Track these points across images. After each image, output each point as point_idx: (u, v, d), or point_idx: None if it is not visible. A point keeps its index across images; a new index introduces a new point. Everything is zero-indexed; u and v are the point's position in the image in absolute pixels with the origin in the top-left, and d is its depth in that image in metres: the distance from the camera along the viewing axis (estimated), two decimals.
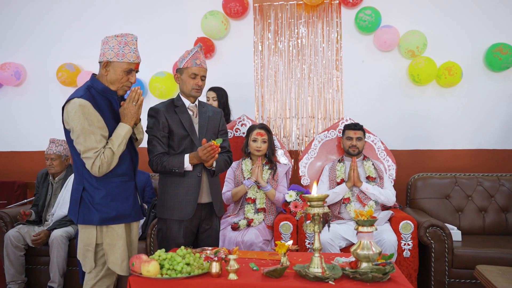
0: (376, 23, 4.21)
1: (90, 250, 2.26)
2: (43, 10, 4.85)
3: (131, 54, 2.26)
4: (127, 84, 2.31)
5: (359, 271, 1.93)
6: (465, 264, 3.21)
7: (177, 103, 2.70)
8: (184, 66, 2.65)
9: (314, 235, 2.03)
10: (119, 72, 2.26)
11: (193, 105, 2.71)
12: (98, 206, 2.23)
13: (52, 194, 3.91)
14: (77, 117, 2.17)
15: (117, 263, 2.27)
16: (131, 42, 2.27)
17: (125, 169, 2.33)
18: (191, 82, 2.63)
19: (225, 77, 4.44)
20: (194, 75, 2.63)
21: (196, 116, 2.71)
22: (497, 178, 3.82)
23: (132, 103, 2.29)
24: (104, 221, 2.24)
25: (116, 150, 2.22)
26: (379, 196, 3.41)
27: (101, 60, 2.28)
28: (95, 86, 2.28)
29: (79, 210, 2.25)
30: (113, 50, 2.24)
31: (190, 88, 2.64)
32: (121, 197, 2.29)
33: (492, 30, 4.18)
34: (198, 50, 2.66)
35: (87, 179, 2.25)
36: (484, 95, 4.21)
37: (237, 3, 4.33)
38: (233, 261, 2.02)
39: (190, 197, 2.60)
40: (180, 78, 2.68)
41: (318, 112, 4.42)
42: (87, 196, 2.24)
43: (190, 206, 2.59)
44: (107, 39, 2.27)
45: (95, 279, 2.28)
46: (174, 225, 2.62)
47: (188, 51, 2.68)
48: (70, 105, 2.22)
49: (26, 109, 4.88)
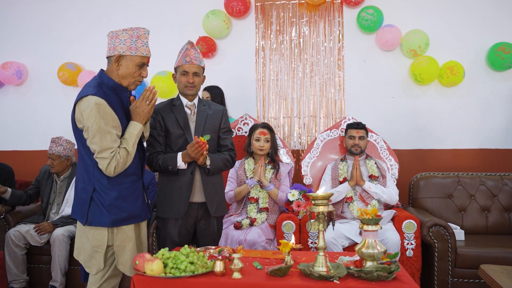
0: (378, 23, 4.20)
1: (99, 252, 2.19)
2: (44, 10, 4.84)
3: (144, 47, 2.22)
4: (139, 79, 2.25)
5: (364, 270, 1.93)
6: (468, 264, 3.20)
7: (175, 102, 2.72)
8: (176, 65, 2.69)
9: (319, 234, 2.02)
10: (132, 66, 2.20)
11: (191, 103, 2.71)
12: (110, 207, 2.16)
13: (56, 192, 3.89)
14: (93, 115, 2.07)
15: (127, 264, 2.22)
16: (144, 35, 2.23)
17: (134, 168, 2.27)
18: (183, 80, 2.66)
19: (227, 76, 4.43)
20: (185, 72, 2.65)
21: (194, 114, 2.71)
22: (500, 177, 3.81)
23: (145, 102, 2.23)
24: (116, 223, 2.18)
25: (131, 150, 2.17)
26: (381, 195, 3.40)
27: (112, 54, 2.20)
28: (106, 82, 2.20)
29: (88, 211, 2.17)
30: (125, 43, 2.18)
31: (183, 86, 2.67)
32: (132, 198, 2.24)
33: (494, 29, 4.18)
34: (188, 47, 2.66)
35: (99, 180, 2.17)
36: (486, 94, 4.20)
37: (239, 2, 4.32)
38: (237, 260, 2.01)
39: (182, 196, 2.60)
40: (176, 77, 2.71)
41: (320, 111, 4.41)
42: (98, 197, 2.17)
43: (182, 205, 2.59)
44: (116, 33, 2.20)
45: (102, 280, 2.23)
46: (169, 224, 2.62)
47: (180, 50, 2.69)
48: (85, 103, 2.10)
49: (27, 108, 4.87)
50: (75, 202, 2.26)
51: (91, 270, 2.23)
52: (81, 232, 2.25)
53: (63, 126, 4.53)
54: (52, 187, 3.91)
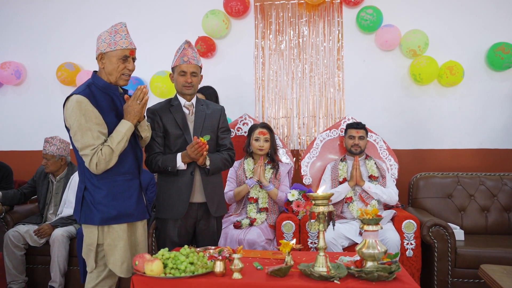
0: (377, 22, 4.20)
1: (91, 250, 2.23)
2: (43, 9, 4.82)
3: (123, 40, 2.24)
4: (126, 72, 2.27)
5: (364, 270, 1.92)
6: (468, 264, 3.19)
7: (173, 102, 2.71)
8: (174, 65, 2.67)
9: (319, 234, 2.01)
10: (115, 61, 2.23)
11: (189, 103, 2.70)
12: (99, 205, 2.20)
13: (52, 192, 3.88)
14: (74, 113, 2.15)
15: (117, 264, 2.23)
16: (121, 29, 2.25)
17: (128, 167, 2.29)
18: (180, 80, 2.64)
19: (226, 76, 4.43)
20: (183, 72, 2.63)
21: (192, 114, 2.70)
22: (500, 177, 3.81)
23: (136, 101, 2.26)
24: (105, 221, 2.20)
25: (115, 147, 2.18)
26: (381, 195, 3.40)
27: (96, 55, 2.28)
28: (96, 82, 2.26)
29: (81, 209, 2.23)
30: (105, 41, 2.24)
31: (181, 86, 2.65)
32: (123, 196, 2.25)
33: (493, 29, 4.17)
34: (185, 47, 2.64)
35: (89, 178, 2.23)
36: (485, 94, 4.20)
37: (238, 2, 4.31)
38: (237, 260, 2.01)
39: (182, 196, 2.59)
40: (174, 77, 2.69)
41: (319, 111, 4.40)
42: (88, 195, 2.22)
43: (182, 206, 2.59)
44: (100, 34, 2.28)
45: (97, 280, 2.25)
46: (169, 225, 2.62)
47: (177, 49, 2.68)
48: (69, 102, 2.20)
49: (26, 108, 4.86)
50: (75, 201, 2.32)
51: (88, 269, 2.28)
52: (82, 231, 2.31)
53: (61, 126, 4.48)
54: (48, 187, 3.90)
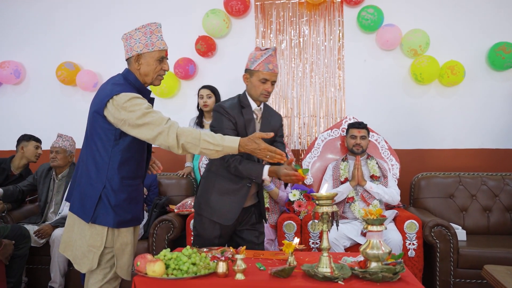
0: (378, 22, 4.19)
1: (93, 252, 2.14)
2: (43, 9, 4.81)
3: (160, 41, 2.20)
4: (161, 73, 2.24)
5: (369, 271, 1.90)
6: (471, 264, 3.18)
7: (243, 103, 2.54)
8: (255, 68, 2.47)
9: (323, 235, 2.00)
10: (152, 62, 2.19)
11: (258, 108, 2.57)
12: (116, 208, 2.14)
13: (54, 191, 3.86)
14: (134, 103, 2.05)
15: (124, 267, 2.22)
16: (157, 30, 2.20)
17: (142, 171, 2.30)
18: (260, 87, 2.48)
19: (227, 75, 4.41)
20: (265, 80, 2.46)
21: (259, 120, 2.59)
22: (502, 177, 3.80)
23: (266, 155, 2.14)
24: (119, 224, 2.16)
25: (202, 138, 2.06)
26: (383, 195, 3.38)
27: (131, 55, 2.19)
28: (132, 81, 2.20)
29: (95, 209, 2.13)
30: (141, 41, 2.17)
31: (259, 93, 2.50)
32: (136, 200, 2.24)
33: (495, 29, 4.17)
34: (272, 54, 2.48)
35: (111, 180, 2.13)
36: (487, 94, 4.20)
37: (238, 2, 4.30)
38: (240, 261, 1.98)
39: (235, 205, 2.52)
40: (250, 80, 2.51)
41: (320, 111, 4.39)
42: (108, 196, 2.13)
43: (232, 213, 2.51)
44: (130, 34, 2.19)
45: (103, 281, 2.19)
46: (210, 225, 2.54)
47: (261, 52, 2.48)
48: (122, 97, 2.07)
49: (25, 108, 4.84)
50: (77, 197, 2.19)
51: (81, 268, 2.18)
52: (75, 228, 2.19)
53: (61, 126, 4.51)
54: (50, 185, 3.88)
